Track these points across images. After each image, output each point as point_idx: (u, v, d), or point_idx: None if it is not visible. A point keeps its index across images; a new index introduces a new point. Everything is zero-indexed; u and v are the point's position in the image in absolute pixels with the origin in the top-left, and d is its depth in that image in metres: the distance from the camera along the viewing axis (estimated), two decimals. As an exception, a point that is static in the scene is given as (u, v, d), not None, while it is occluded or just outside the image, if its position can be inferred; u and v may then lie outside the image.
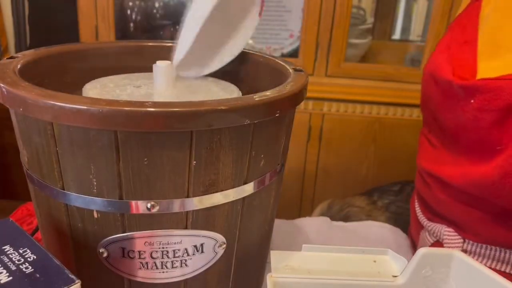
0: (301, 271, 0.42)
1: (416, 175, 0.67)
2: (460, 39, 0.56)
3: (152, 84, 0.50)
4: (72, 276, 0.31)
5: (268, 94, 0.39)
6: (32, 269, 0.32)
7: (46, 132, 0.37)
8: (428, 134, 0.63)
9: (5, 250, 0.34)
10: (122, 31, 1.20)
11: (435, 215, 0.61)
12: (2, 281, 0.31)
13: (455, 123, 0.54)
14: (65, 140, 0.36)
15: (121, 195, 0.38)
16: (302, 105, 1.05)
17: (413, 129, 1.04)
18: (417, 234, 0.66)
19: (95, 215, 0.39)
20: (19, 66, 0.43)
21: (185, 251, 0.42)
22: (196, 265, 0.43)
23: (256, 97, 0.37)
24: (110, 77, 0.52)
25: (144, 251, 0.41)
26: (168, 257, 0.41)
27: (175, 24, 1.21)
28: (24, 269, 0.32)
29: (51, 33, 1.16)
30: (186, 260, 0.42)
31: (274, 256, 0.43)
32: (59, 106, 0.33)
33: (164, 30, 1.24)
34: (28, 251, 0.34)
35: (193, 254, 0.42)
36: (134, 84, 0.50)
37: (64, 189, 0.39)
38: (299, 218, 0.79)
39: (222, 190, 0.40)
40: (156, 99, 0.46)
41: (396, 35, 1.54)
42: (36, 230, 0.63)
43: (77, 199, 0.39)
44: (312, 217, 0.82)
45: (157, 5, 1.23)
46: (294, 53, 1.13)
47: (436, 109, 0.58)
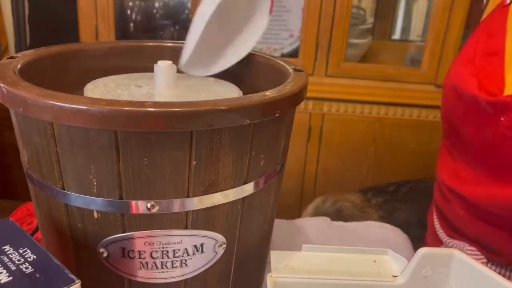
0: (301, 271, 0.42)
1: (435, 187, 0.63)
2: (486, 49, 0.52)
3: (153, 84, 0.50)
4: (72, 276, 0.31)
5: (268, 94, 0.39)
6: (32, 269, 0.32)
7: (46, 132, 0.37)
8: (449, 147, 0.59)
9: (5, 250, 0.34)
10: (122, 31, 1.20)
11: (455, 232, 0.57)
12: (2, 281, 0.30)
13: (481, 141, 0.50)
14: (65, 140, 0.36)
15: (121, 195, 0.38)
16: (302, 105, 1.05)
17: (413, 129, 1.04)
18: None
19: (95, 215, 0.39)
20: (19, 66, 0.43)
21: (185, 251, 0.42)
22: (196, 265, 0.43)
23: (256, 97, 0.37)
24: (111, 77, 0.52)
25: (144, 251, 0.41)
26: (168, 257, 0.41)
27: (175, 24, 1.21)
28: (24, 269, 0.32)
29: (51, 33, 1.16)
30: (186, 260, 0.42)
31: (274, 256, 0.43)
32: (59, 106, 0.33)
33: (164, 30, 1.24)
34: (28, 251, 0.34)
35: (193, 254, 0.42)
36: (135, 84, 0.50)
37: (64, 189, 0.39)
38: (299, 218, 0.79)
39: (222, 190, 0.40)
40: (157, 99, 0.46)
41: (396, 35, 1.54)
42: (36, 230, 0.63)
43: (77, 199, 0.39)
44: (312, 217, 0.82)
45: (157, 5, 1.23)
46: (294, 53, 1.13)
47: (460, 125, 0.55)
